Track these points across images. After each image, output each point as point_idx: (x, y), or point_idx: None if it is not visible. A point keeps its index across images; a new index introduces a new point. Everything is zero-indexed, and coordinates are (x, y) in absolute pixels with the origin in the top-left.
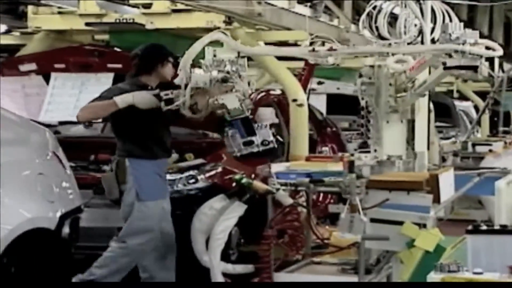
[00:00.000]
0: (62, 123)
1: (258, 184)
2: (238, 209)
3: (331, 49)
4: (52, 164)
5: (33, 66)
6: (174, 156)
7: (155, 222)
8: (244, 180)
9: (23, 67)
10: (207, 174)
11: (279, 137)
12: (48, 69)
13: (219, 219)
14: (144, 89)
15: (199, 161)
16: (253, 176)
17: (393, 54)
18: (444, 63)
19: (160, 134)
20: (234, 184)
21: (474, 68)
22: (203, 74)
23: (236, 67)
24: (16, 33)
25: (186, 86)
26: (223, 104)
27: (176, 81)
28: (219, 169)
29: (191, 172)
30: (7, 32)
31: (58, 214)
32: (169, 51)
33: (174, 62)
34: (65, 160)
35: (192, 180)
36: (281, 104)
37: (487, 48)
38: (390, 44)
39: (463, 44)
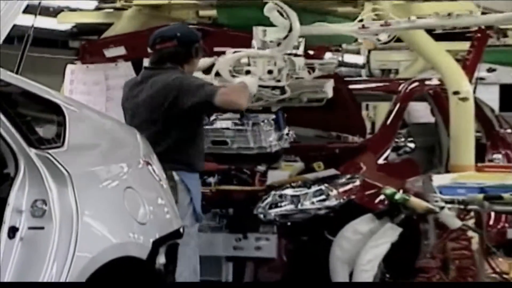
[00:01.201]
0: None
1: (416, 201)
2: (390, 233)
3: (384, 24)
4: (144, 176)
5: (121, 51)
6: (298, 165)
7: None
8: (398, 196)
9: (109, 52)
10: (341, 189)
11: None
12: (140, 54)
13: (366, 246)
14: None
15: (331, 171)
16: (401, 191)
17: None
18: None
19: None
20: (377, 200)
21: None
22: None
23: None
24: (109, 9)
25: None
26: (324, 92)
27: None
28: (357, 182)
29: (321, 186)
30: (98, 9)
31: (151, 240)
32: None
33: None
34: (160, 170)
35: (322, 197)
36: (439, 98)
37: None
38: (449, 15)
39: None
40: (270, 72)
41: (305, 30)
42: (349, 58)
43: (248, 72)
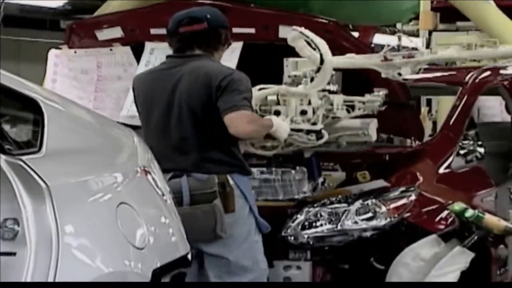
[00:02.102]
0: None
1: (492, 220)
2: (459, 258)
3: (407, 56)
4: (142, 188)
5: (117, 33)
6: (339, 175)
7: None
8: (469, 213)
9: (102, 34)
10: (392, 205)
11: None
12: (140, 37)
13: (429, 275)
14: None
15: (379, 183)
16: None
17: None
18: None
19: None
20: (438, 219)
21: None
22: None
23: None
24: None
25: None
26: (368, 135)
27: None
28: (412, 197)
29: (366, 202)
30: None
31: (151, 268)
32: None
33: None
34: (163, 181)
35: (368, 215)
36: None
37: None
38: (469, 46)
39: None
40: (303, 112)
41: (335, 62)
42: (406, 41)
43: (277, 113)
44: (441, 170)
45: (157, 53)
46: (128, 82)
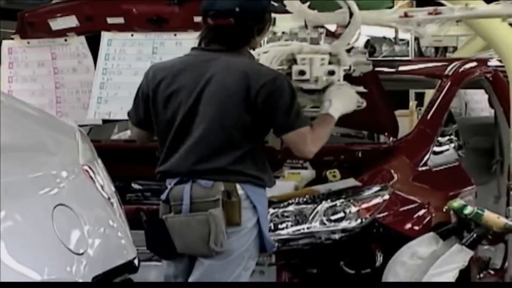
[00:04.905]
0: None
1: (492, 217)
2: (458, 257)
3: (433, 12)
4: (83, 189)
5: (72, 22)
6: (307, 173)
7: None
8: (468, 210)
9: (56, 24)
10: (364, 205)
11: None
12: (97, 26)
13: (427, 274)
14: None
15: (349, 182)
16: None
17: None
18: None
19: None
20: (412, 220)
21: None
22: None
23: None
24: None
25: None
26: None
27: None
28: (385, 196)
29: (335, 202)
30: None
31: (92, 275)
32: None
33: None
34: (109, 181)
35: (337, 215)
36: (499, 83)
37: None
38: None
39: None
40: (331, 73)
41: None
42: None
43: (302, 73)
44: (417, 168)
45: (115, 44)
46: (83, 75)
